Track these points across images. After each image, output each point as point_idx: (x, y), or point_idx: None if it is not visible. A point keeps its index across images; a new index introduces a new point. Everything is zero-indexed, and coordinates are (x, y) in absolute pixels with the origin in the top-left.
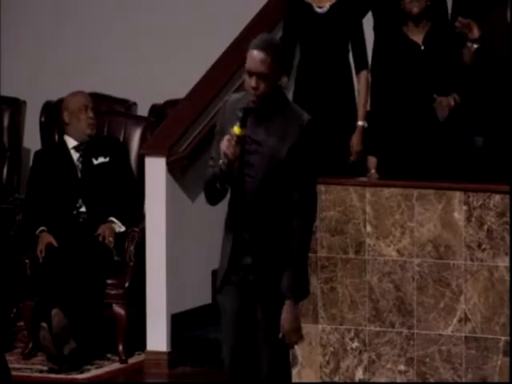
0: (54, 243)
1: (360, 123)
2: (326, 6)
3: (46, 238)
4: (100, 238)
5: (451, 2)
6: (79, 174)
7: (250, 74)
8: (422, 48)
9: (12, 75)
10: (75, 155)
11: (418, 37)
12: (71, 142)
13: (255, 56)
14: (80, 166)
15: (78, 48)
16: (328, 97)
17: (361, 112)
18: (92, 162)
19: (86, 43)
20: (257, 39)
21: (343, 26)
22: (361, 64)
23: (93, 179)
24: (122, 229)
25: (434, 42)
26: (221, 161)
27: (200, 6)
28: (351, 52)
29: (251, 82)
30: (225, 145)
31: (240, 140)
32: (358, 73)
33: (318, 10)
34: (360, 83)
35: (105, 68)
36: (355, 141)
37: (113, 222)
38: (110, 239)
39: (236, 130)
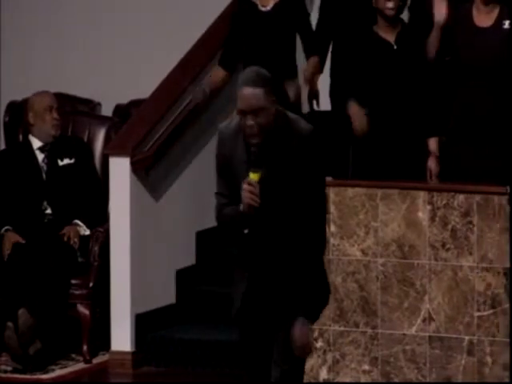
0: (21, 240)
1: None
2: (270, 5)
3: (12, 237)
4: (65, 238)
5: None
6: (44, 176)
7: (244, 113)
8: (395, 47)
9: None
10: (40, 156)
11: (390, 36)
12: (36, 143)
13: (246, 93)
14: (45, 167)
15: (43, 48)
16: None
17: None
18: (57, 163)
19: (51, 43)
20: (243, 76)
21: (287, 24)
22: (310, 49)
23: (58, 181)
24: (87, 232)
25: (407, 41)
26: (242, 207)
27: (163, 6)
28: (301, 41)
29: (247, 120)
30: (248, 197)
31: (260, 184)
32: (307, 58)
33: (262, 9)
34: (308, 66)
35: (69, 68)
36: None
37: (78, 224)
38: (75, 240)
39: (253, 176)
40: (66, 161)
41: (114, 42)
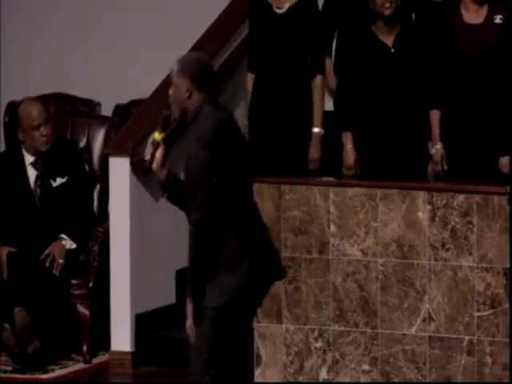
0: (12, 250)
1: (316, 130)
2: (285, 7)
3: (3, 249)
4: (47, 263)
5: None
6: (37, 202)
7: None
8: (393, 50)
9: None
10: (32, 174)
11: (387, 38)
12: (28, 158)
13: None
14: (38, 191)
15: (43, 48)
16: (285, 99)
17: (317, 118)
18: (50, 185)
19: (51, 43)
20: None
21: (301, 27)
22: (317, 68)
23: (51, 205)
24: (73, 246)
25: (404, 44)
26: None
27: (163, 6)
28: (308, 55)
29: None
30: (146, 152)
31: (159, 145)
32: (313, 77)
33: (277, 11)
34: (315, 88)
35: (69, 68)
36: (312, 149)
37: (63, 239)
38: (60, 261)
39: (157, 135)
40: (59, 180)
41: (114, 42)
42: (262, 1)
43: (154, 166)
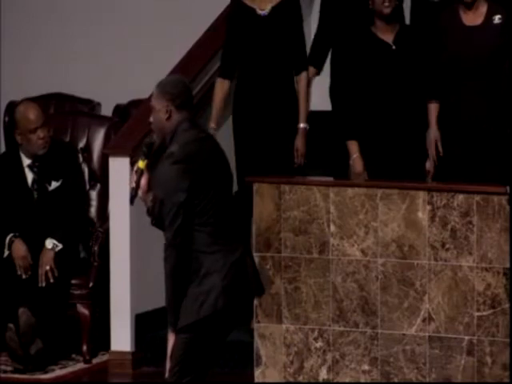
0: (29, 259)
1: (302, 125)
2: (268, 8)
3: (20, 249)
4: (39, 283)
5: (410, 4)
6: (35, 204)
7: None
8: (394, 48)
9: None
10: (30, 176)
11: (387, 37)
12: (25, 161)
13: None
14: (35, 194)
15: (42, 48)
16: (269, 99)
17: (302, 114)
18: (47, 188)
19: (51, 43)
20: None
21: (285, 27)
22: (301, 65)
23: (48, 208)
24: (59, 246)
25: (405, 41)
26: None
27: (162, 6)
28: (291, 53)
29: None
30: (131, 180)
31: (143, 172)
32: (297, 74)
33: (260, 13)
34: (300, 85)
35: (69, 68)
36: (299, 144)
37: (46, 241)
38: (47, 268)
39: (140, 163)
40: (54, 184)
41: (114, 42)
42: (243, 6)
43: (140, 193)
